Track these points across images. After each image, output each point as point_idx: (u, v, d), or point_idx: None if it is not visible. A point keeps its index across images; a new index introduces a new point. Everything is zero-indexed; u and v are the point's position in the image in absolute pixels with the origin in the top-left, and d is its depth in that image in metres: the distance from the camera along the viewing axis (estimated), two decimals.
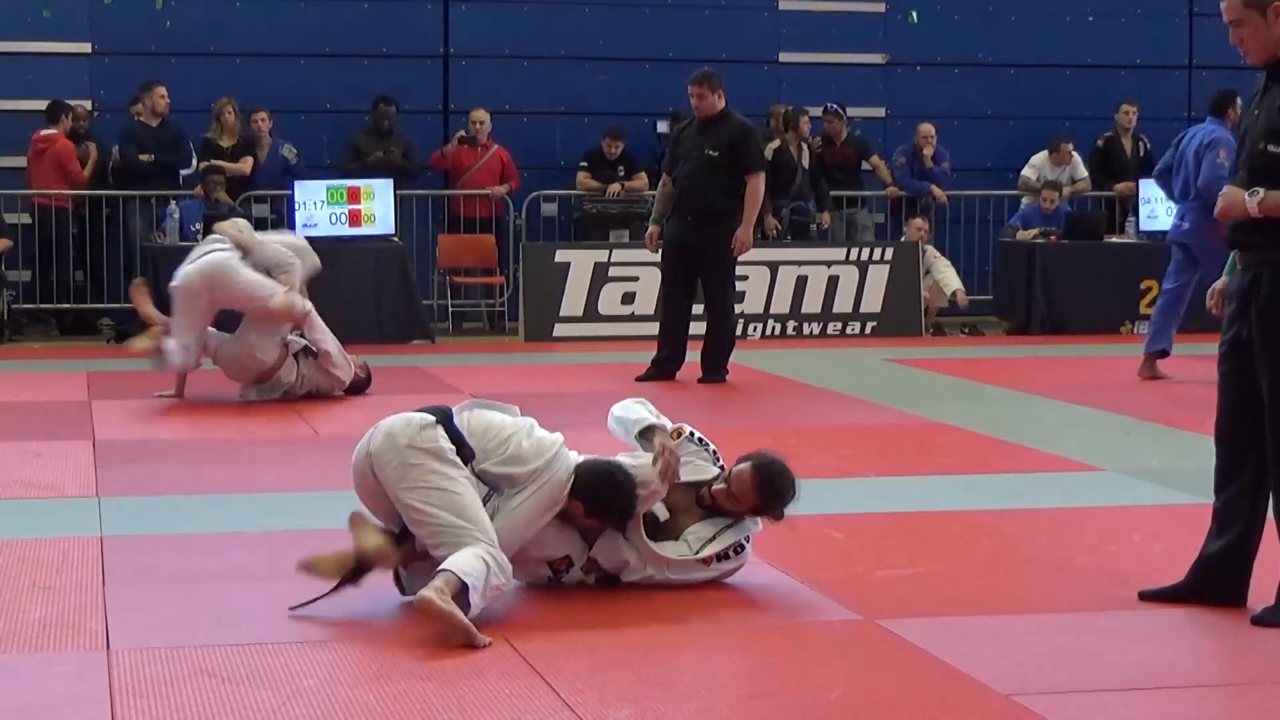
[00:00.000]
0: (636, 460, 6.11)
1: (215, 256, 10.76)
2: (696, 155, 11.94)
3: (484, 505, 5.82)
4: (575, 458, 6.04)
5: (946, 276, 16.02)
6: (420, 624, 5.50)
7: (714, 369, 12.17)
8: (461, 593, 5.48)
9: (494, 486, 5.92)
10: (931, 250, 16.18)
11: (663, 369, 12.19)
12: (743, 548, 6.22)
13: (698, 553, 6.13)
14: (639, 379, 12.01)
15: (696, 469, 6.24)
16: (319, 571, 5.83)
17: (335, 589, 5.80)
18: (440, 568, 5.55)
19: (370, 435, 5.93)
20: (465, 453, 5.86)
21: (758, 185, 11.96)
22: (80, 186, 15.48)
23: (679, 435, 6.23)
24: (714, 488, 6.16)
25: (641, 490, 6.01)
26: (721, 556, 6.16)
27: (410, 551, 5.87)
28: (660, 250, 12.51)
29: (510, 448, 5.92)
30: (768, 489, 6.11)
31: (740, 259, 12.23)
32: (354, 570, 5.79)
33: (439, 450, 5.79)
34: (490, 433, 5.94)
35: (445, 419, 5.91)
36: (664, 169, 12.54)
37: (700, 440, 6.30)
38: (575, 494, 5.95)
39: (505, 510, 5.87)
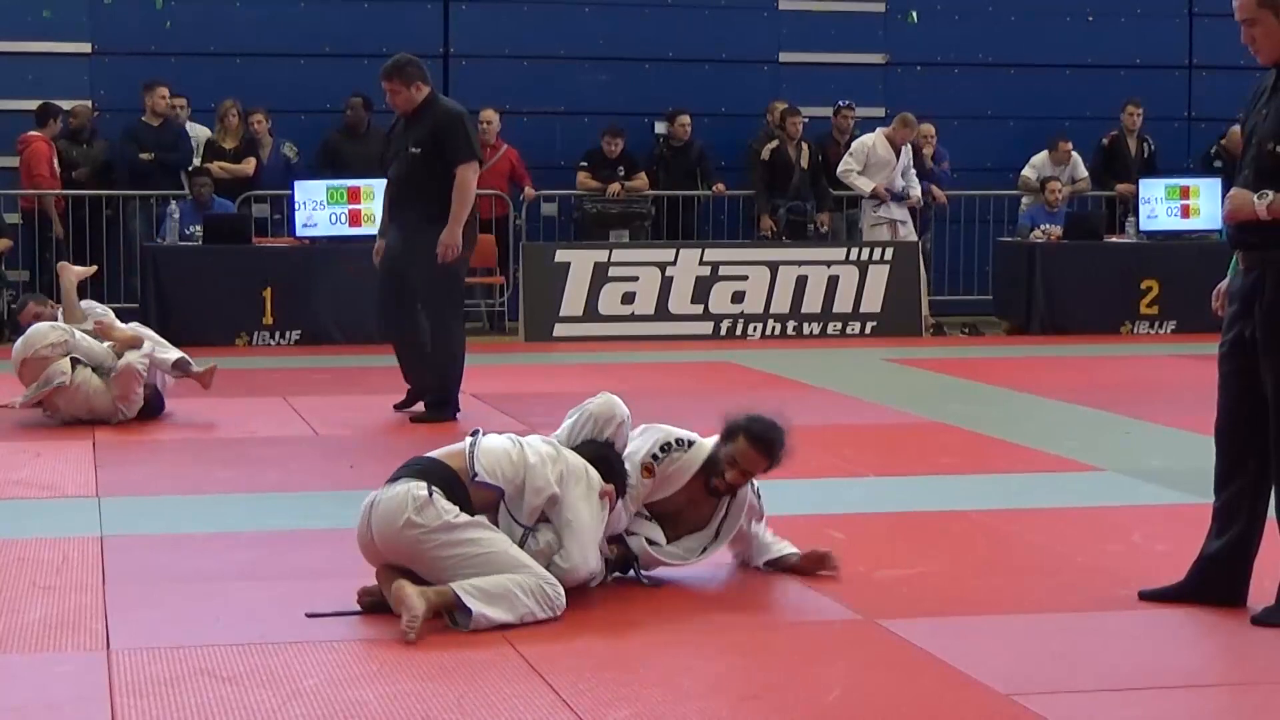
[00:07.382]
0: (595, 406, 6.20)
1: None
2: (402, 155, 10.13)
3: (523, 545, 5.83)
4: (555, 441, 6.11)
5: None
6: (421, 625, 5.50)
7: (436, 405, 10.24)
8: (456, 602, 5.56)
9: (528, 520, 5.90)
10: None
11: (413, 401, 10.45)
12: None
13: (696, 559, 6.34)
14: (413, 420, 10.25)
15: (684, 469, 6.28)
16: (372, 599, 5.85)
17: (358, 611, 5.82)
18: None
19: (368, 517, 5.82)
20: (495, 494, 5.85)
21: (466, 176, 9.93)
22: (44, 189, 15.39)
23: (650, 473, 6.23)
24: (726, 476, 6.23)
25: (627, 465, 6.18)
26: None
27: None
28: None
29: (524, 471, 5.88)
30: (771, 449, 6.28)
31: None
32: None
33: (445, 525, 5.70)
34: (502, 459, 5.92)
35: (441, 481, 5.80)
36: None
37: (676, 442, 6.30)
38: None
39: (566, 527, 5.86)
